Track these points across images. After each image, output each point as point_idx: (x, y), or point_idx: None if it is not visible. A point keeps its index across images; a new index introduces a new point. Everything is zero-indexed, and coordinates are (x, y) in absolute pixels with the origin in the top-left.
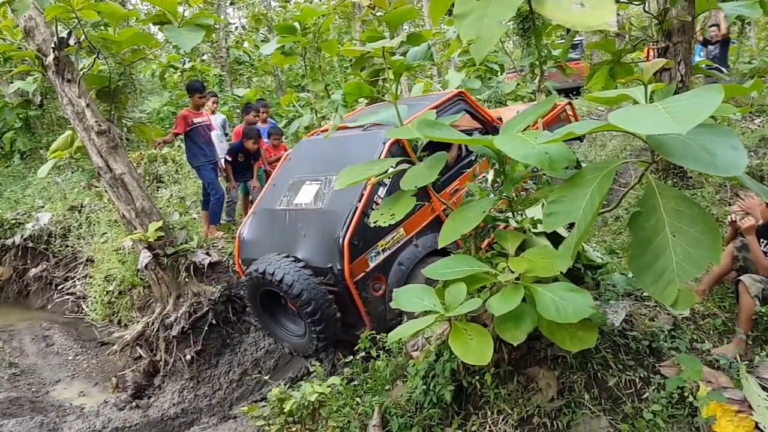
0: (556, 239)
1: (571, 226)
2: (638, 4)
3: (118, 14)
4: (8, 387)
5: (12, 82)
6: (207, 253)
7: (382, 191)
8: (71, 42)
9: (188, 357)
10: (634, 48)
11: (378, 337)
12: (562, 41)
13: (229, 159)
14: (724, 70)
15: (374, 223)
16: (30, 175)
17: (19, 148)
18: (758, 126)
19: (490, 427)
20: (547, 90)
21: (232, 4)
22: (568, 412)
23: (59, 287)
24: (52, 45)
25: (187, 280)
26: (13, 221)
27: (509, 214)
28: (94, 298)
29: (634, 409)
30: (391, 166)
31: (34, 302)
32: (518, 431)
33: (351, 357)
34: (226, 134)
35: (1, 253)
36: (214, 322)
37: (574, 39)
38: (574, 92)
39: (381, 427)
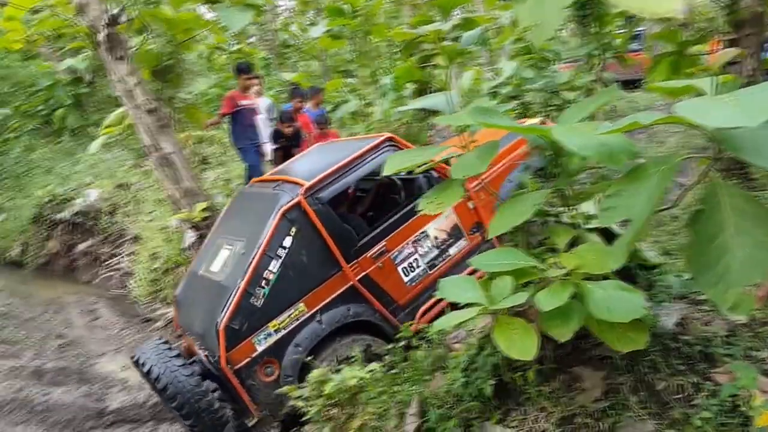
0: (608, 238)
1: (625, 224)
2: None
3: None
4: (56, 357)
5: (64, 60)
6: None
7: (274, 265)
8: (123, 19)
9: None
10: (700, 40)
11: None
12: (621, 32)
13: (277, 146)
14: None
15: (420, 210)
16: (79, 151)
17: (69, 125)
18: None
19: (530, 424)
20: (606, 81)
21: None
22: (613, 413)
23: (105, 263)
24: (105, 22)
25: None
26: (63, 197)
27: (561, 208)
28: (139, 275)
29: (682, 415)
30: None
31: (81, 276)
32: (560, 429)
33: (391, 345)
34: (273, 119)
35: (51, 227)
36: None
37: (636, 29)
38: (633, 85)
39: (418, 416)
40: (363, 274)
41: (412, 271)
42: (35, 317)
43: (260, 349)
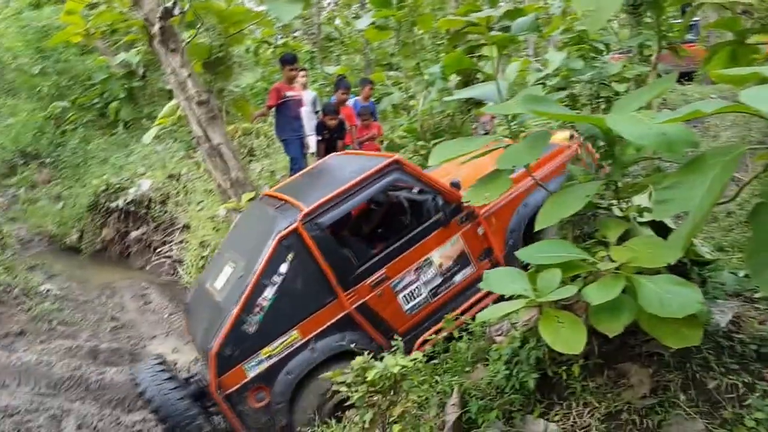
0: (660, 233)
1: (678, 219)
2: None
3: None
4: (110, 338)
5: (118, 54)
6: None
7: (269, 291)
8: (176, 12)
9: None
10: (762, 29)
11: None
12: (675, 21)
13: (321, 138)
14: None
15: (469, 201)
16: (132, 143)
17: (123, 117)
18: None
19: (574, 418)
20: (661, 72)
21: None
22: (661, 411)
23: (157, 250)
24: (159, 15)
25: None
26: (117, 186)
27: (613, 201)
28: (189, 262)
29: (734, 415)
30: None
31: (134, 263)
32: (604, 425)
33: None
34: (317, 111)
35: (106, 215)
36: None
37: (692, 19)
38: (686, 77)
39: (459, 406)
40: (360, 302)
41: (413, 300)
42: (91, 300)
43: (251, 375)
